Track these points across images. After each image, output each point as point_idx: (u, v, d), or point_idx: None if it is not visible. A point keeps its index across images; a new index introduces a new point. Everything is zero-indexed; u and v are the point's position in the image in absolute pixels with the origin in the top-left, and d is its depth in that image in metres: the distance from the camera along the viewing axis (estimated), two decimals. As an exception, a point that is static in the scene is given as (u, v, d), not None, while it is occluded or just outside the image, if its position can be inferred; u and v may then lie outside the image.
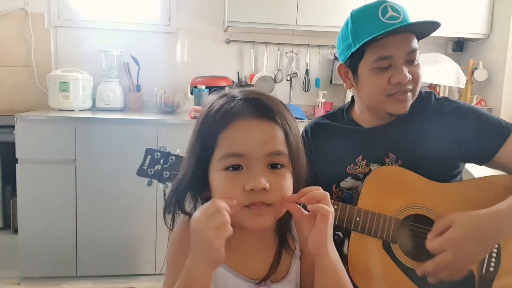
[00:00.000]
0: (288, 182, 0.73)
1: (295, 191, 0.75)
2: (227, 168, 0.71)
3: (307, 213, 0.73)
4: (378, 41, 1.09)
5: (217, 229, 0.64)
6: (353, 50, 1.12)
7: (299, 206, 0.73)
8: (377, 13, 1.09)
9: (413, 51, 1.11)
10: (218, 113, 0.72)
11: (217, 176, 0.72)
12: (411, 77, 1.10)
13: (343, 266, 0.77)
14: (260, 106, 0.73)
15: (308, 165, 0.80)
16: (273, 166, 0.72)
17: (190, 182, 0.76)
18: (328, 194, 0.73)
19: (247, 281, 0.77)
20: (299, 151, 0.76)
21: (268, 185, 0.69)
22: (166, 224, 0.80)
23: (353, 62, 1.15)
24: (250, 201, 0.70)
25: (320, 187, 0.74)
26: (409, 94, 1.13)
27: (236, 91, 0.76)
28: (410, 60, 1.11)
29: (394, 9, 1.10)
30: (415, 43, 1.12)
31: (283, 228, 0.81)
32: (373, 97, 1.15)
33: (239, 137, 0.71)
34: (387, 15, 1.09)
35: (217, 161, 0.72)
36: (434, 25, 1.10)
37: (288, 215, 0.77)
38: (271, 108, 0.73)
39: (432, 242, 1.02)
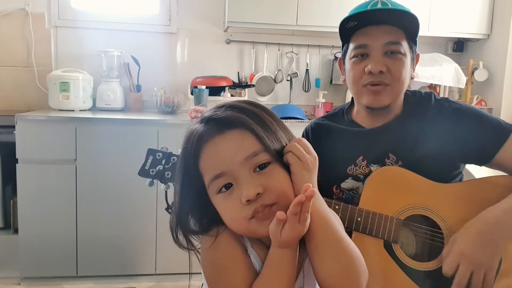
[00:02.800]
0: (281, 176, 0.73)
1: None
2: (220, 191, 0.73)
3: None
4: (359, 31, 1.13)
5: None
6: (341, 39, 1.18)
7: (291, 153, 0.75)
8: (367, 5, 1.13)
9: (392, 43, 1.11)
10: (191, 143, 0.75)
11: (216, 201, 0.75)
12: (385, 68, 1.10)
13: (335, 220, 0.75)
14: (217, 121, 0.74)
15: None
16: (260, 167, 0.72)
17: (194, 207, 0.77)
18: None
19: None
20: (277, 138, 0.75)
21: (260, 188, 0.70)
22: (183, 247, 0.80)
23: (343, 53, 1.21)
24: (252, 211, 0.71)
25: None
26: (385, 88, 1.12)
27: (206, 113, 0.78)
28: (390, 52, 1.11)
29: (384, 3, 1.11)
30: (396, 36, 1.11)
31: None
32: (352, 87, 1.18)
33: (212, 159, 0.73)
34: (375, 7, 1.11)
35: (209, 188, 0.74)
36: (411, 17, 1.09)
37: None
38: (227, 118, 0.73)
39: (445, 265, 1.03)
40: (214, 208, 0.76)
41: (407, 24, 1.11)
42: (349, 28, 1.13)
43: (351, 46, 1.15)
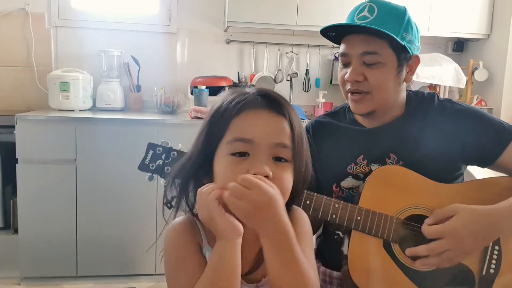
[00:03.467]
0: (289, 176, 0.75)
1: (295, 188, 0.78)
2: (233, 154, 0.73)
3: None
4: (344, 39, 1.14)
5: (209, 207, 0.69)
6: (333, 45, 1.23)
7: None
8: (356, 11, 1.13)
9: (368, 53, 1.09)
10: (231, 103, 0.76)
11: (222, 160, 0.74)
12: (361, 78, 1.11)
13: (293, 249, 0.73)
14: (271, 99, 0.77)
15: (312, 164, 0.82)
16: (277, 159, 0.74)
17: (194, 165, 0.78)
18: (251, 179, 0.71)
19: (243, 284, 0.77)
20: (302, 150, 0.78)
21: (271, 173, 0.72)
22: (164, 218, 0.82)
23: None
24: None
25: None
26: (366, 96, 1.13)
27: (248, 88, 0.80)
28: (368, 63, 1.10)
29: (371, 9, 1.10)
30: (373, 46, 1.09)
31: None
32: (341, 90, 1.21)
33: (249, 124, 0.74)
34: (361, 14, 1.11)
35: (225, 145, 0.74)
36: (378, 32, 1.07)
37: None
38: (281, 103, 0.77)
39: (429, 228, 1.03)
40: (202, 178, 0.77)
41: (382, 33, 1.07)
42: (331, 36, 1.16)
43: (339, 51, 1.18)
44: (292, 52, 3.06)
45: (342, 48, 1.15)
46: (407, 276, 1.06)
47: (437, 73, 2.82)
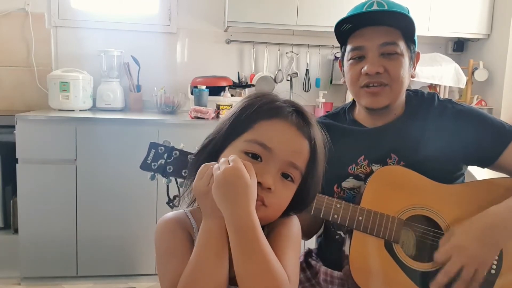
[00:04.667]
0: (289, 196, 0.78)
1: (289, 208, 0.80)
2: (247, 153, 0.75)
3: None
4: (355, 33, 1.13)
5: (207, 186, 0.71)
6: (338, 41, 1.19)
7: None
8: (363, 6, 1.13)
9: (388, 43, 1.10)
10: (265, 105, 0.78)
11: (234, 154, 0.74)
12: (382, 69, 1.10)
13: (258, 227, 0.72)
14: (304, 120, 0.79)
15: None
16: (285, 175, 0.77)
17: (214, 147, 0.79)
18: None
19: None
20: (313, 174, 0.81)
21: (273, 187, 0.74)
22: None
23: (342, 55, 1.21)
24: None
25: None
26: (383, 88, 1.12)
27: (283, 98, 0.82)
28: (386, 53, 1.11)
29: (380, 4, 1.11)
30: (392, 36, 1.10)
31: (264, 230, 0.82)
32: (351, 88, 1.19)
33: (275, 133, 0.76)
34: (371, 9, 1.12)
35: (243, 142, 0.76)
36: (406, 18, 1.08)
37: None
38: (311, 128, 0.80)
39: (437, 254, 1.03)
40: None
41: (403, 24, 1.11)
42: (345, 30, 1.14)
43: (348, 48, 1.16)
44: (292, 52, 3.06)
45: (355, 41, 1.13)
46: (409, 277, 1.05)
47: (437, 73, 2.82)
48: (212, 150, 0.79)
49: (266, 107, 0.77)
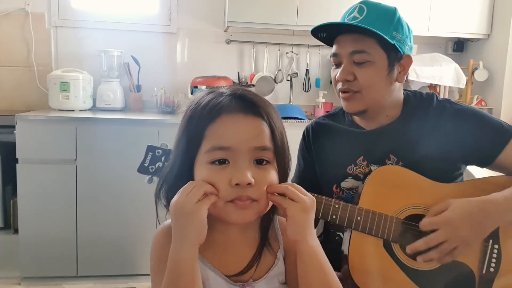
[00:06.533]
0: (273, 178, 0.74)
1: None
2: (213, 162, 0.72)
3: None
4: (335, 39, 1.16)
5: (198, 201, 0.68)
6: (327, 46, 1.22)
7: (283, 197, 0.74)
8: (347, 12, 1.15)
9: (357, 52, 1.11)
10: (206, 107, 0.74)
11: (203, 169, 0.73)
12: (351, 77, 1.12)
13: (324, 255, 0.77)
14: (247, 101, 0.74)
15: (300, 163, 0.83)
16: (259, 162, 0.73)
17: (176, 177, 0.77)
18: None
19: (229, 283, 0.77)
20: (284, 149, 0.77)
21: (253, 180, 0.71)
22: (158, 220, 0.83)
23: None
24: (234, 196, 0.71)
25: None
26: (354, 95, 1.14)
27: (224, 88, 0.78)
28: (357, 62, 1.11)
29: (361, 9, 1.11)
30: (362, 44, 1.10)
31: (266, 226, 0.81)
32: (335, 92, 1.22)
33: (226, 131, 0.72)
34: (351, 15, 1.13)
35: (204, 154, 0.73)
36: (365, 30, 1.08)
37: (271, 213, 0.79)
38: (257, 105, 0.74)
39: (424, 221, 1.04)
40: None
41: (375, 32, 1.08)
42: (322, 38, 1.18)
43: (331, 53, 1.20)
44: (292, 52, 3.06)
45: (333, 48, 1.17)
46: (408, 276, 1.06)
47: (437, 73, 2.82)
48: (179, 173, 0.76)
49: (207, 110, 0.73)
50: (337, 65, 1.17)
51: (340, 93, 1.17)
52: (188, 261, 0.69)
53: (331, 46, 1.19)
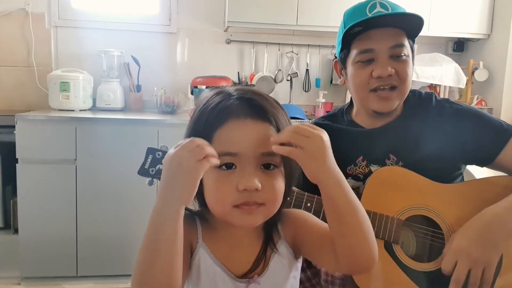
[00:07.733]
0: (280, 183, 0.74)
1: (287, 192, 0.77)
2: (220, 167, 0.71)
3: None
4: (361, 35, 1.11)
5: (197, 162, 0.64)
6: (340, 44, 1.15)
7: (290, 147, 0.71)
8: (365, 9, 1.11)
9: (398, 46, 1.10)
10: (214, 111, 0.73)
11: (209, 174, 0.72)
12: (393, 71, 1.10)
13: (349, 187, 0.74)
14: (255, 106, 0.73)
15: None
16: (266, 166, 0.73)
17: None
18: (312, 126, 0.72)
19: (235, 280, 0.77)
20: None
21: (260, 185, 0.70)
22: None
23: (343, 57, 1.19)
24: (241, 201, 0.70)
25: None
26: (394, 92, 1.12)
27: (232, 89, 0.77)
28: (395, 56, 1.11)
29: (383, 5, 1.10)
30: (401, 38, 1.11)
31: (270, 224, 0.81)
32: (358, 93, 1.17)
33: (233, 136, 0.71)
34: (374, 11, 1.10)
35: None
36: (417, 19, 1.09)
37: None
38: (265, 109, 0.73)
39: (444, 263, 1.03)
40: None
41: (408, 25, 1.11)
42: (353, 33, 1.12)
43: (355, 51, 1.13)
44: (292, 52, 3.06)
45: (363, 44, 1.12)
46: (409, 277, 1.06)
47: (437, 73, 2.82)
48: None
49: (215, 114, 0.72)
50: (365, 62, 1.12)
51: (374, 92, 1.12)
52: (171, 215, 0.66)
53: (347, 44, 1.15)
